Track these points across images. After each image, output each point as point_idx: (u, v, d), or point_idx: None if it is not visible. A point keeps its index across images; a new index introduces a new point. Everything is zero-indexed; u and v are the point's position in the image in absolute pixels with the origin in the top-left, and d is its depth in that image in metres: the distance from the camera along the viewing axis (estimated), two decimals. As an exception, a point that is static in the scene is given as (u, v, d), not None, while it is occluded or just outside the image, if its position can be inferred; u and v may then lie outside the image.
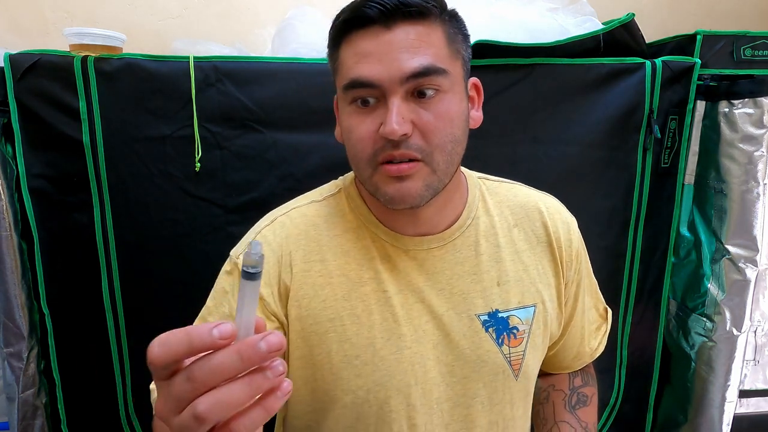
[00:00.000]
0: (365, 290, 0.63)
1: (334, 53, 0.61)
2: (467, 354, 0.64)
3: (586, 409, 0.77)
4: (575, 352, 0.77)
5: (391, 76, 0.54)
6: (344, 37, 0.58)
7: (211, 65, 0.96)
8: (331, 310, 0.63)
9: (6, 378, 1.01)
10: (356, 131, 0.58)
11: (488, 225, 0.68)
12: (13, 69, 0.91)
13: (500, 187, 0.73)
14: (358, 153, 0.59)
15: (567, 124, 1.03)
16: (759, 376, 1.15)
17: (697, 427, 1.13)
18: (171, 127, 0.97)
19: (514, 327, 0.66)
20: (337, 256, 0.64)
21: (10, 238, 0.96)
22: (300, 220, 0.67)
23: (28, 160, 0.95)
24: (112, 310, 1.02)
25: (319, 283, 0.63)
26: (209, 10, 1.31)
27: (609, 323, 0.79)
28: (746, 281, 1.05)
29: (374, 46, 0.55)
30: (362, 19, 0.55)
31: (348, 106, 0.59)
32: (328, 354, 0.62)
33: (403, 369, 0.62)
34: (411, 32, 0.55)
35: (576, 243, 0.71)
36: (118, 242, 1.00)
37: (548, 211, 0.70)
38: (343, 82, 0.58)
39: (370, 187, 0.60)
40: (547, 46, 1.00)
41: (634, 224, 1.10)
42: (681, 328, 1.16)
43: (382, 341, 0.62)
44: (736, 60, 1.06)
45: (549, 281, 0.69)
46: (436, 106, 0.56)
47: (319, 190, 0.72)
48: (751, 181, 1.01)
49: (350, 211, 0.67)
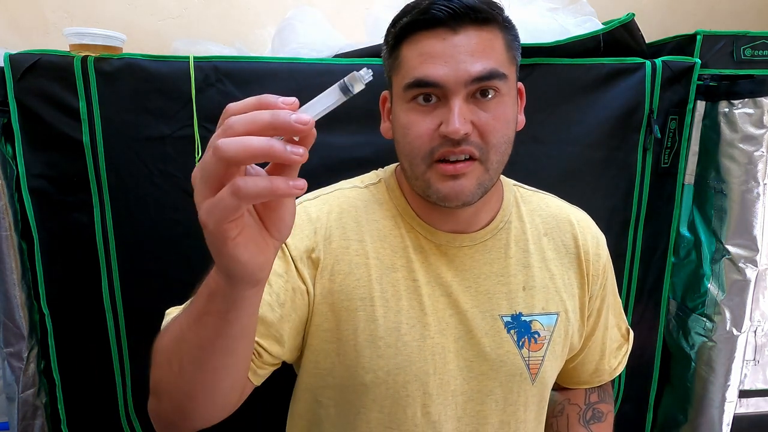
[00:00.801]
0: (397, 276, 0.65)
1: (394, 51, 0.62)
2: (487, 352, 0.65)
3: (601, 425, 0.77)
4: (594, 368, 0.77)
5: (456, 78, 0.56)
6: (408, 37, 0.59)
7: (211, 65, 0.96)
8: (364, 289, 0.64)
9: (6, 378, 1.01)
10: (415, 128, 0.59)
11: (520, 231, 0.69)
12: (13, 69, 0.91)
13: (533, 196, 0.74)
14: (414, 149, 0.60)
15: (567, 124, 1.03)
16: (759, 376, 1.15)
17: (697, 427, 1.13)
18: (171, 127, 0.97)
19: (536, 332, 0.67)
20: (374, 239, 0.66)
21: (10, 238, 0.96)
22: (343, 200, 0.69)
23: (28, 160, 0.95)
24: (112, 310, 1.02)
25: (355, 261, 0.65)
26: (209, 10, 1.31)
27: (630, 344, 0.80)
28: (746, 281, 1.05)
29: (441, 48, 0.57)
30: (431, 20, 0.57)
31: (407, 104, 0.60)
32: (355, 331, 0.64)
33: (424, 357, 0.64)
34: (475, 37, 0.57)
35: (604, 259, 0.72)
36: (118, 242, 0.99)
37: (579, 224, 0.72)
38: (405, 80, 0.59)
39: (422, 184, 0.61)
40: (547, 46, 1.00)
41: (634, 224, 1.10)
42: (681, 328, 1.16)
43: (407, 327, 0.64)
44: (736, 60, 1.06)
45: (574, 292, 0.70)
46: (495, 108, 0.59)
47: (360, 178, 0.74)
48: (751, 181, 1.01)
49: (389, 200, 0.69)
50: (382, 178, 0.72)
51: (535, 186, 0.77)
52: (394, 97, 0.63)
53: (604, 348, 0.76)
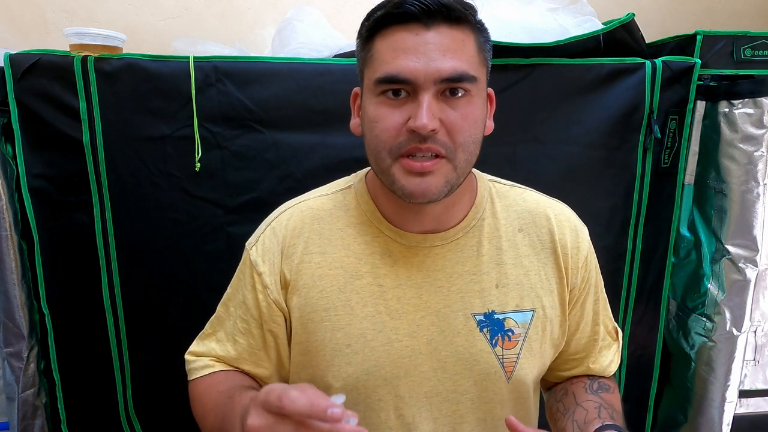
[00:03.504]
0: (361, 283, 0.66)
1: (367, 45, 0.62)
2: (461, 351, 0.66)
3: (610, 394, 0.73)
4: (585, 367, 0.75)
5: (426, 74, 0.56)
6: (381, 31, 0.59)
7: (211, 65, 0.96)
8: (327, 300, 0.65)
9: (6, 378, 1.01)
10: (383, 121, 0.59)
11: (493, 227, 0.69)
12: (13, 69, 0.92)
13: (510, 191, 0.73)
14: (381, 142, 0.60)
15: (567, 124, 1.03)
16: (759, 376, 1.15)
17: (697, 427, 1.13)
18: (171, 127, 0.97)
19: (509, 329, 0.66)
20: (337, 249, 0.67)
21: (10, 238, 0.96)
22: (306, 213, 0.70)
23: (28, 160, 0.95)
24: (112, 310, 1.02)
25: (317, 274, 0.66)
26: (209, 10, 1.31)
27: (620, 343, 0.78)
28: (746, 281, 1.05)
29: (413, 43, 0.57)
30: (404, 15, 0.57)
31: (376, 97, 0.60)
32: (322, 341, 0.65)
33: (393, 361, 0.65)
34: (448, 35, 0.58)
35: (585, 251, 0.71)
36: (118, 242, 1.00)
37: (557, 218, 0.71)
38: (376, 74, 0.59)
39: (387, 178, 0.61)
40: (547, 46, 1.00)
41: (634, 224, 1.10)
42: (681, 328, 1.16)
43: (374, 333, 0.65)
44: (736, 60, 1.06)
45: (552, 288, 0.69)
46: (464, 107, 0.59)
47: (330, 185, 0.74)
48: (751, 181, 1.01)
49: (356, 207, 0.69)
50: (352, 183, 0.72)
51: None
52: (365, 91, 0.63)
53: (592, 344, 0.75)
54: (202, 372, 0.70)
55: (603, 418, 0.64)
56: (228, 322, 0.70)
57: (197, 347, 0.73)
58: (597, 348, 0.75)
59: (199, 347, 0.72)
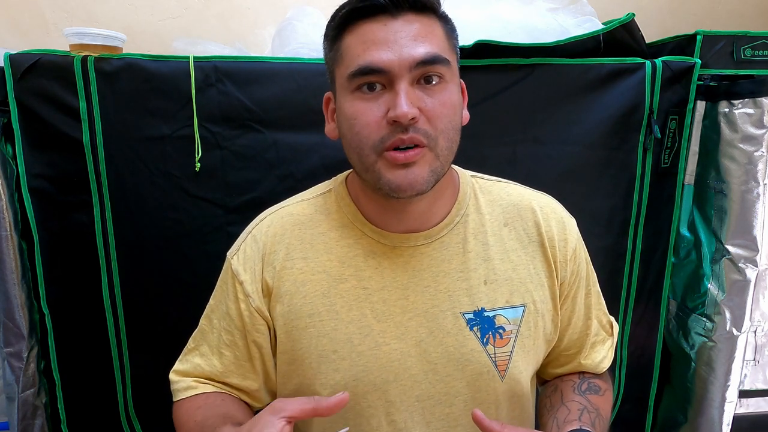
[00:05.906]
0: (346, 287, 0.64)
1: (336, 43, 0.61)
2: (451, 352, 0.64)
3: (598, 396, 0.71)
4: (577, 364, 0.74)
5: (401, 62, 0.56)
6: (349, 26, 0.59)
7: (211, 65, 0.96)
8: (311, 306, 0.64)
9: (6, 378, 1.01)
10: (362, 117, 0.58)
11: (478, 223, 0.68)
12: (13, 69, 0.91)
13: (494, 186, 0.72)
14: (363, 139, 0.58)
15: (567, 124, 1.03)
16: (759, 376, 1.15)
17: (697, 428, 1.13)
18: (171, 127, 0.97)
19: (501, 327, 0.65)
20: (320, 253, 0.66)
21: (10, 238, 0.96)
22: (287, 219, 0.69)
23: (28, 160, 0.95)
24: (112, 310, 1.02)
25: (300, 280, 0.65)
26: (209, 10, 1.31)
27: (615, 338, 0.76)
28: (746, 281, 1.05)
29: (383, 34, 0.57)
30: (371, 7, 0.57)
31: (351, 94, 0.59)
32: (308, 349, 0.64)
33: (381, 365, 0.63)
34: (416, 22, 0.58)
35: (573, 243, 0.70)
36: (118, 242, 0.99)
37: (542, 210, 0.70)
38: (349, 69, 0.58)
39: (372, 176, 0.60)
40: (547, 46, 1.00)
41: (634, 224, 1.10)
42: (681, 328, 1.16)
43: (360, 337, 0.63)
44: (736, 60, 1.06)
45: (541, 282, 0.68)
46: (441, 93, 0.58)
47: (311, 189, 0.73)
48: (751, 181, 1.01)
49: (337, 210, 0.68)
50: (332, 187, 0.71)
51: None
52: (338, 90, 0.62)
53: (583, 339, 0.73)
54: (184, 394, 0.69)
55: (583, 422, 0.63)
56: (212, 335, 0.69)
57: (181, 365, 0.72)
58: (589, 343, 0.74)
59: (183, 365, 0.71)
